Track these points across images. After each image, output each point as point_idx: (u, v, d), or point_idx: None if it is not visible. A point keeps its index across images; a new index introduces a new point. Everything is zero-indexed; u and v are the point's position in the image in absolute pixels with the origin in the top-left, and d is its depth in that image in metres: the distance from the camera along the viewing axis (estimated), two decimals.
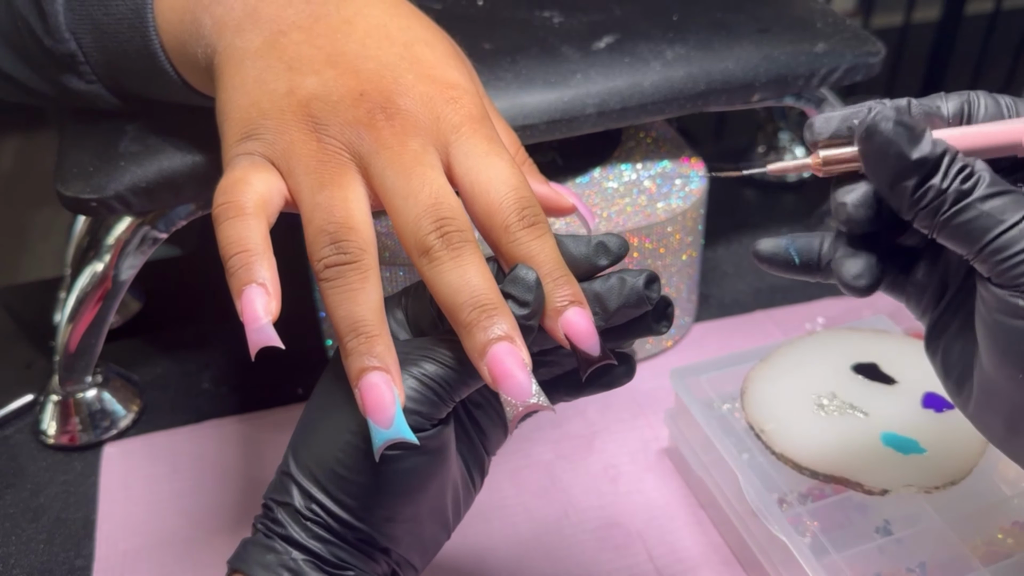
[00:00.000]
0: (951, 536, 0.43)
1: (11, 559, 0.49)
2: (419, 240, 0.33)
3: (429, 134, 0.35)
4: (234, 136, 0.36)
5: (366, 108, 0.35)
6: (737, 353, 0.52)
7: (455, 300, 0.32)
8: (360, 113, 0.35)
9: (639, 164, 0.59)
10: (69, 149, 0.49)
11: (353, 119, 0.35)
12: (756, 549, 0.45)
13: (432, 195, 0.33)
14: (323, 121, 0.35)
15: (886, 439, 0.45)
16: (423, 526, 0.36)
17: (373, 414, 0.32)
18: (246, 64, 0.37)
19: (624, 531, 0.50)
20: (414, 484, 0.34)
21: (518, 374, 0.31)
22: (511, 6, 0.61)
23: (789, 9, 0.60)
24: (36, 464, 0.55)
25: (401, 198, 0.34)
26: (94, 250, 0.51)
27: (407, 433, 0.32)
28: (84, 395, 0.56)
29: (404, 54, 0.37)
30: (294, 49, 0.36)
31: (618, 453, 0.54)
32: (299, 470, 0.35)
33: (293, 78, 0.35)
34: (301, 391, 0.59)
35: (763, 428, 0.46)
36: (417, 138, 0.35)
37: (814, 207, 0.74)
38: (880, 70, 0.58)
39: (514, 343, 0.32)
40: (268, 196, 0.35)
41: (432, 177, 0.34)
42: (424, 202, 0.33)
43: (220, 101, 0.37)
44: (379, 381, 0.32)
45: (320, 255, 0.34)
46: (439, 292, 0.33)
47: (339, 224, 0.33)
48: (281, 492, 0.35)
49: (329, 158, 0.35)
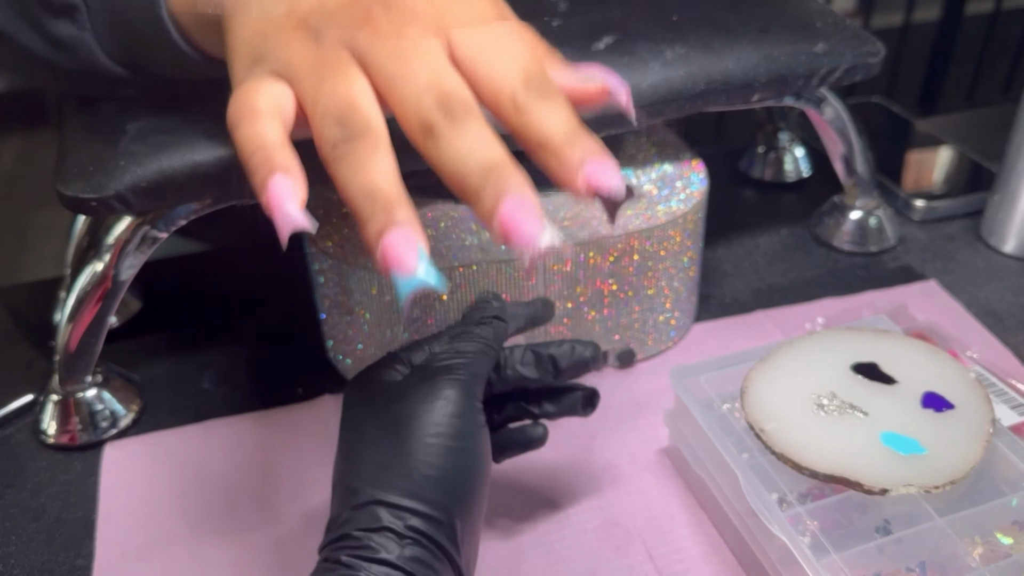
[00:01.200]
0: (951, 536, 0.43)
1: (11, 559, 0.49)
2: (421, 119, 0.32)
3: (429, 24, 0.34)
4: (241, 67, 0.37)
5: (362, 7, 0.35)
6: (737, 353, 0.52)
7: (463, 168, 0.32)
8: (357, 12, 0.35)
9: (639, 167, 0.59)
10: (69, 149, 0.49)
11: (349, 20, 0.35)
12: (756, 549, 0.45)
13: (432, 72, 0.33)
14: (320, 28, 0.35)
15: (886, 439, 0.45)
16: (479, 520, 0.40)
17: (398, 266, 0.31)
18: (251, 4, 0.37)
19: (624, 531, 0.50)
20: (485, 461, 0.39)
21: (531, 223, 0.30)
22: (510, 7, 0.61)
23: (789, 9, 0.60)
24: (36, 464, 0.55)
25: (400, 82, 0.33)
26: (94, 250, 0.51)
27: (434, 279, 0.31)
28: (84, 395, 0.56)
29: None
30: None
31: (618, 453, 0.54)
32: (386, 491, 0.37)
33: (292, 1, 0.36)
34: (301, 391, 0.59)
35: (763, 428, 0.46)
36: (415, 26, 0.34)
37: (814, 207, 0.74)
38: (880, 70, 0.58)
39: (527, 198, 0.31)
40: (279, 100, 0.35)
41: (431, 57, 0.33)
42: (423, 82, 0.33)
43: (228, 44, 0.38)
44: (401, 234, 0.31)
45: (326, 136, 0.33)
46: (445, 167, 0.32)
47: (342, 104, 0.33)
48: (371, 520, 0.36)
49: (328, 58, 0.34)
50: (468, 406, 0.39)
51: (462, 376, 0.40)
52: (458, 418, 0.39)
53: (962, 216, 0.75)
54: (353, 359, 0.58)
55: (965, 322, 0.64)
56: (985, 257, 0.71)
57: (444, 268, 0.53)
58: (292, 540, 0.50)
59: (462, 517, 0.38)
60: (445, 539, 0.37)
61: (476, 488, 0.39)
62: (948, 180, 0.79)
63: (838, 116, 0.65)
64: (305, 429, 0.57)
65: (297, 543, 0.50)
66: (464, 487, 0.38)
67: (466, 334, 0.42)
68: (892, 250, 0.71)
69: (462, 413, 0.39)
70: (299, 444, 0.55)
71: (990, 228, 0.71)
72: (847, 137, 0.66)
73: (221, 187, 0.49)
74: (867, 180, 0.69)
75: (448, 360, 0.41)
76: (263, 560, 0.49)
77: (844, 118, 0.65)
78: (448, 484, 0.37)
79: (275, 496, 0.52)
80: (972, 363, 0.56)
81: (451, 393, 0.39)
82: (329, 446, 0.55)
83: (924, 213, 0.75)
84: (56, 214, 0.71)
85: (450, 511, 0.37)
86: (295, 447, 0.55)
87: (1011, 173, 0.68)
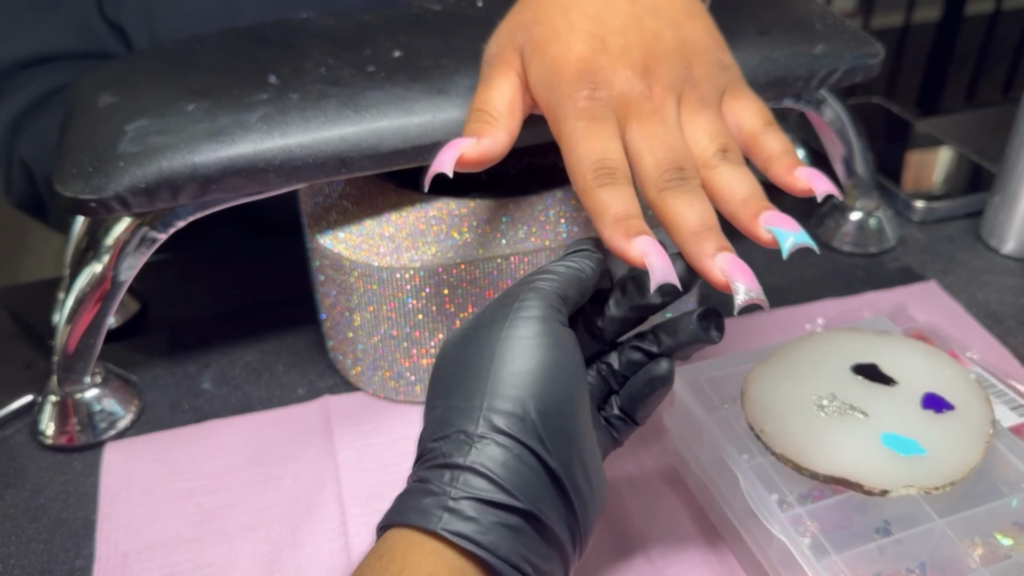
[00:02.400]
0: (951, 536, 0.43)
1: (11, 559, 0.49)
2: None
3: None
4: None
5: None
6: (737, 353, 0.52)
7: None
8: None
9: None
10: (68, 150, 0.49)
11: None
12: (756, 550, 0.45)
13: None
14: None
15: (886, 440, 0.45)
16: (571, 421, 0.37)
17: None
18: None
19: (623, 531, 0.50)
20: (567, 359, 0.37)
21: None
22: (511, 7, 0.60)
23: (788, 10, 0.60)
24: (36, 464, 0.55)
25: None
26: (93, 251, 0.51)
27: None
28: (83, 396, 0.56)
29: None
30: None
31: (618, 453, 0.54)
32: (457, 396, 0.36)
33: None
34: (302, 391, 0.59)
35: (763, 429, 0.46)
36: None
37: (814, 208, 0.74)
38: (880, 70, 0.58)
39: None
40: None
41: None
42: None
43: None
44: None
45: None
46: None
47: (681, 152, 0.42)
48: (442, 427, 0.36)
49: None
50: (547, 308, 0.38)
51: (544, 286, 0.39)
52: (534, 319, 0.37)
53: (962, 217, 0.75)
54: (353, 359, 0.58)
55: (965, 323, 0.64)
56: (985, 258, 0.71)
57: (443, 265, 0.53)
58: (292, 540, 0.50)
59: (543, 412, 0.35)
60: (527, 435, 0.35)
61: (557, 383, 0.36)
62: (948, 181, 0.79)
63: (838, 117, 0.65)
64: (305, 429, 0.57)
65: (297, 543, 0.50)
66: (543, 381, 0.36)
67: (555, 261, 0.42)
68: (892, 251, 0.71)
69: (540, 316, 0.37)
70: (299, 444, 0.55)
71: (990, 229, 0.71)
72: (847, 138, 0.66)
73: (220, 188, 0.49)
74: (867, 181, 0.69)
75: (530, 278, 0.40)
76: (263, 560, 0.49)
77: (844, 119, 0.65)
78: (523, 376, 0.36)
79: (275, 496, 0.52)
80: (972, 364, 0.56)
81: (529, 296, 0.38)
82: (329, 446, 0.55)
83: (924, 214, 0.75)
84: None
85: (526, 404, 0.35)
86: (295, 447, 0.55)
87: (1011, 174, 0.68)
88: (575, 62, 0.42)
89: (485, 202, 0.54)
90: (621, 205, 0.38)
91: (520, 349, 0.36)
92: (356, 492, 0.52)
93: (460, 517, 0.33)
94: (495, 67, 0.45)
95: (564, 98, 0.42)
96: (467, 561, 0.33)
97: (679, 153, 0.40)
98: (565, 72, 0.42)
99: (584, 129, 0.40)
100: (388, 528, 0.35)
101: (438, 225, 0.54)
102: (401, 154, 0.50)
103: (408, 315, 0.54)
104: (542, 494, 0.35)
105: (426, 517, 0.33)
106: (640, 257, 0.37)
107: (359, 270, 0.53)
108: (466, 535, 0.33)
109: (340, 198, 0.56)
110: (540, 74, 0.43)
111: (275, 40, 0.56)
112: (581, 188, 0.40)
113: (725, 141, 0.41)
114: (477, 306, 0.55)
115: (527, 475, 0.34)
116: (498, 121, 0.43)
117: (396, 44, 0.55)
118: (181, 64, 0.54)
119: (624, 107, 0.42)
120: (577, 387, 0.38)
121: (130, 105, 0.51)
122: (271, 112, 0.49)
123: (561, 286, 0.40)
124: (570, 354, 0.38)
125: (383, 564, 0.33)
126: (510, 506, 0.34)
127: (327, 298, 0.57)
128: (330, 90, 0.51)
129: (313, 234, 0.55)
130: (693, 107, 0.42)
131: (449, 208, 0.54)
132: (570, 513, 0.36)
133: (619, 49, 0.43)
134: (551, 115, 0.43)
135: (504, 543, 0.33)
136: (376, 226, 0.54)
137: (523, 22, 0.45)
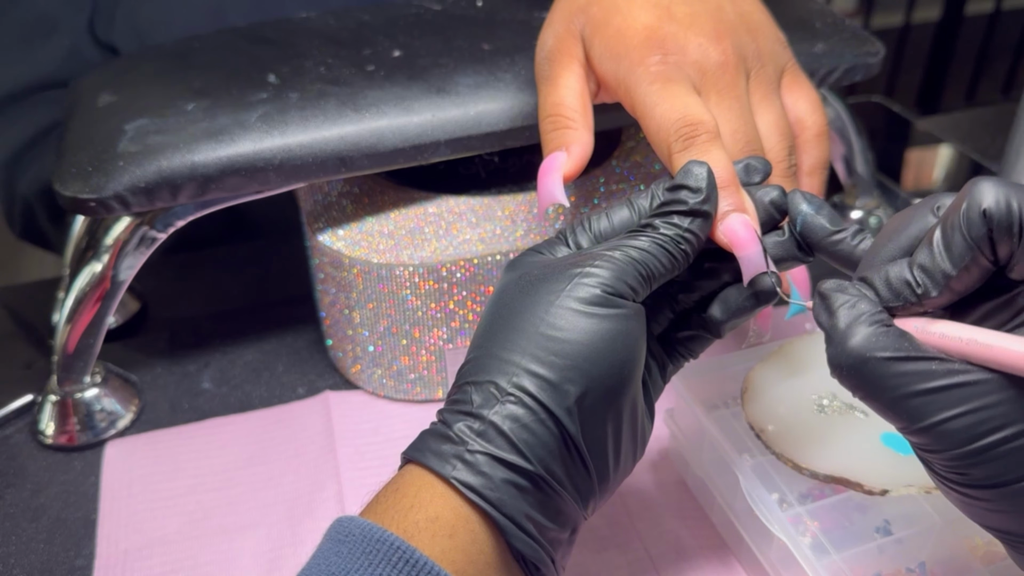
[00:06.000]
0: (951, 536, 0.43)
1: (11, 559, 0.49)
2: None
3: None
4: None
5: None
6: (737, 353, 0.52)
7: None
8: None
9: (639, 164, 0.59)
10: (68, 149, 0.49)
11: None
12: (756, 549, 0.45)
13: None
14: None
15: (886, 439, 0.45)
16: (621, 434, 0.36)
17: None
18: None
19: (624, 530, 0.50)
20: (621, 340, 0.35)
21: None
22: (510, 7, 0.61)
23: (788, 9, 0.60)
24: (36, 464, 0.55)
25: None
26: (92, 250, 0.51)
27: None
28: (82, 395, 0.56)
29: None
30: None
31: None
32: (501, 346, 0.36)
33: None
34: (301, 390, 0.59)
35: (763, 428, 0.46)
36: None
37: None
38: (880, 70, 0.58)
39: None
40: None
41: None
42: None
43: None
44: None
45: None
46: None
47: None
48: (477, 372, 0.36)
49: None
50: (616, 282, 0.36)
51: (620, 258, 0.36)
52: (598, 290, 0.35)
53: None
54: (352, 357, 0.58)
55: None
56: None
57: (442, 262, 0.53)
58: (292, 538, 0.50)
59: (580, 385, 0.34)
60: (555, 403, 0.34)
61: (604, 358, 0.35)
62: (948, 180, 0.79)
63: (838, 116, 0.65)
64: (305, 428, 0.56)
65: (297, 541, 0.50)
66: (587, 354, 0.35)
67: (651, 231, 0.38)
68: None
69: (604, 289, 0.35)
70: (299, 443, 0.55)
71: None
72: (847, 137, 0.66)
73: (220, 187, 0.49)
74: (867, 180, 0.69)
75: (618, 243, 0.37)
76: (263, 557, 0.49)
77: (844, 118, 0.65)
78: (567, 346, 0.35)
79: (275, 494, 0.52)
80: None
81: (601, 265, 0.36)
82: (330, 445, 0.55)
83: None
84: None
85: (564, 374, 0.34)
86: (295, 446, 0.55)
87: (1011, 173, 0.68)
88: (642, 30, 0.41)
89: (484, 199, 0.54)
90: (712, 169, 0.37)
91: (571, 318, 0.35)
92: (356, 490, 0.52)
93: (473, 471, 0.34)
94: (557, 62, 0.44)
95: (634, 65, 0.40)
96: (472, 511, 0.34)
97: (753, 148, 0.40)
98: (632, 41, 0.41)
99: (660, 91, 0.39)
100: (408, 463, 0.36)
101: (437, 222, 0.54)
102: (400, 153, 0.50)
103: (407, 312, 0.54)
104: (558, 459, 0.35)
105: (442, 463, 0.34)
106: (726, 238, 0.37)
107: (358, 267, 0.53)
108: (475, 488, 0.34)
109: (339, 196, 0.56)
110: (604, 48, 0.42)
111: (274, 39, 0.56)
112: (666, 156, 0.38)
113: (791, 142, 0.43)
114: (477, 304, 0.54)
115: (546, 439, 0.34)
116: (577, 121, 0.42)
117: (395, 43, 0.55)
118: (180, 63, 0.54)
119: (700, 75, 0.40)
120: (627, 366, 0.36)
121: (129, 104, 0.51)
122: (270, 111, 0.49)
123: (641, 266, 0.37)
124: (627, 333, 0.36)
125: (396, 497, 0.35)
126: (521, 467, 0.34)
127: (326, 296, 0.57)
128: (329, 89, 0.51)
129: (312, 232, 0.55)
130: (763, 90, 0.42)
131: (448, 205, 0.54)
132: (586, 480, 0.36)
133: (687, 17, 0.42)
134: (622, 86, 0.41)
135: (511, 501, 0.34)
136: (375, 223, 0.54)
137: (577, 7, 0.44)
